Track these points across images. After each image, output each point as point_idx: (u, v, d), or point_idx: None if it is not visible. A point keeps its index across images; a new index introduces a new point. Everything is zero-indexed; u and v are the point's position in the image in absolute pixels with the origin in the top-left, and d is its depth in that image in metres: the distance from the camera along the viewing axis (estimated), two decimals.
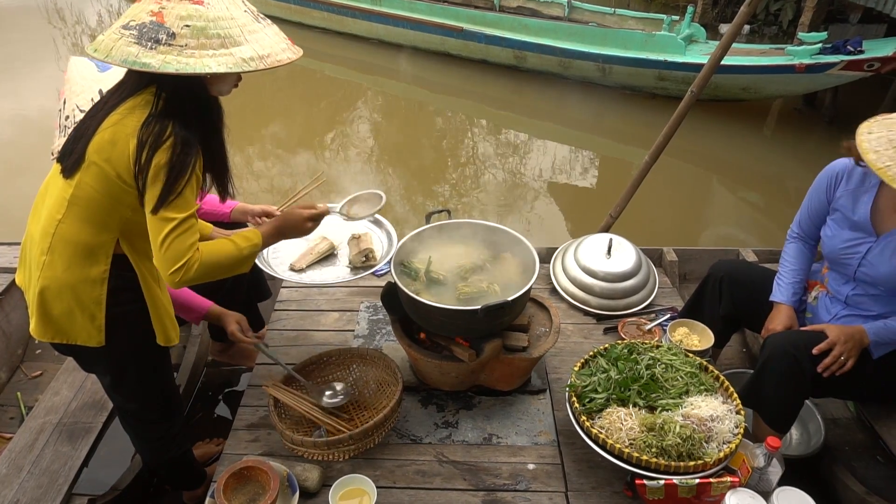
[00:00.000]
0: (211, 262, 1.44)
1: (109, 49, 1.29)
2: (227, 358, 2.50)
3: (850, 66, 5.04)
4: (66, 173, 1.41)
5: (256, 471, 1.62)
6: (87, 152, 1.37)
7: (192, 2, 1.32)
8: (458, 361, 1.80)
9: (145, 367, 1.65)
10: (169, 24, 1.29)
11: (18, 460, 1.86)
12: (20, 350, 2.73)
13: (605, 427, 1.64)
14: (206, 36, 1.30)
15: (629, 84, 6.31)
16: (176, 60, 1.28)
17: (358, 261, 2.03)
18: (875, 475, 2.13)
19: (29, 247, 1.52)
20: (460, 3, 7.48)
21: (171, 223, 1.36)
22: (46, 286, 1.45)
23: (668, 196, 4.87)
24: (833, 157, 1.60)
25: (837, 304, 1.93)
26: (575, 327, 2.34)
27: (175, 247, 1.37)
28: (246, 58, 1.33)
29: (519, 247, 1.95)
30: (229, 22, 1.34)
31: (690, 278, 2.89)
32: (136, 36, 1.29)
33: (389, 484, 1.71)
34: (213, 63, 1.29)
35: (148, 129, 1.33)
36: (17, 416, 2.46)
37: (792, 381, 1.79)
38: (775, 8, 7.62)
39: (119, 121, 1.36)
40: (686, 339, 2.07)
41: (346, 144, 5.97)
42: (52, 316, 1.48)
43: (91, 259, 1.46)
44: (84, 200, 1.41)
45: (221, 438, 2.37)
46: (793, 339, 1.82)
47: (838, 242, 1.86)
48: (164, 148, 1.33)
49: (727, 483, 1.51)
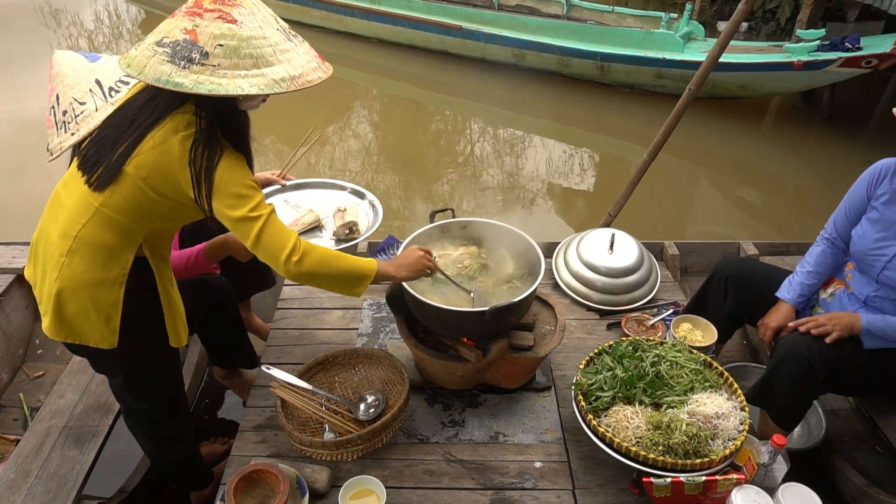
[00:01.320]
0: (320, 251, 1.49)
1: (143, 66, 1.29)
2: (230, 385, 2.49)
3: (847, 63, 5.02)
4: (97, 187, 1.41)
5: (266, 473, 1.63)
6: (125, 170, 1.38)
7: (226, 20, 1.30)
8: (465, 361, 1.80)
9: (157, 367, 1.67)
10: (202, 42, 1.29)
11: (26, 465, 1.86)
12: (21, 350, 2.72)
13: (612, 425, 1.65)
14: (239, 56, 1.30)
15: (628, 82, 6.30)
16: (209, 81, 1.28)
17: (342, 233, 2.09)
18: (874, 466, 2.16)
19: (44, 244, 1.53)
20: (459, 2, 7.42)
21: (259, 220, 1.41)
22: (64, 287, 1.46)
23: (667, 193, 4.88)
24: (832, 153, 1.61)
25: (856, 303, 1.93)
26: (578, 323, 2.35)
27: (269, 236, 1.42)
28: (277, 79, 1.33)
29: (523, 245, 1.95)
30: (261, 41, 1.33)
31: (692, 272, 2.90)
32: (169, 54, 1.28)
33: (398, 484, 1.72)
34: (245, 84, 1.30)
35: (198, 152, 1.36)
36: (21, 417, 2.46)
37: (803, 383, 1.81)
38: (773, 5, 7.59)
39: (163, 143, 1.37)
40: (690, 335, 2.08)
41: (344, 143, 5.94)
42: (68, 316, 1.49)
43: (112, 262, 1.47)
44: (114, 209, 1.43)
45: (226, 437, 2.39)
46: (807, 341, 1.83)
47: (868, 242, 1.86)
48: (220, 167, 1.37)
49: (733, 480, 1.52)
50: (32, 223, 1.63)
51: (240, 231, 1.43)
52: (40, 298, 1.55)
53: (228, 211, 1.40)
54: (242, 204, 1.40)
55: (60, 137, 1.78)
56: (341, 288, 1.57)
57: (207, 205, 1.40)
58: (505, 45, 6.67)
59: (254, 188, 1.43)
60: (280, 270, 1.46)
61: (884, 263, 1.81)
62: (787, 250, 2.88)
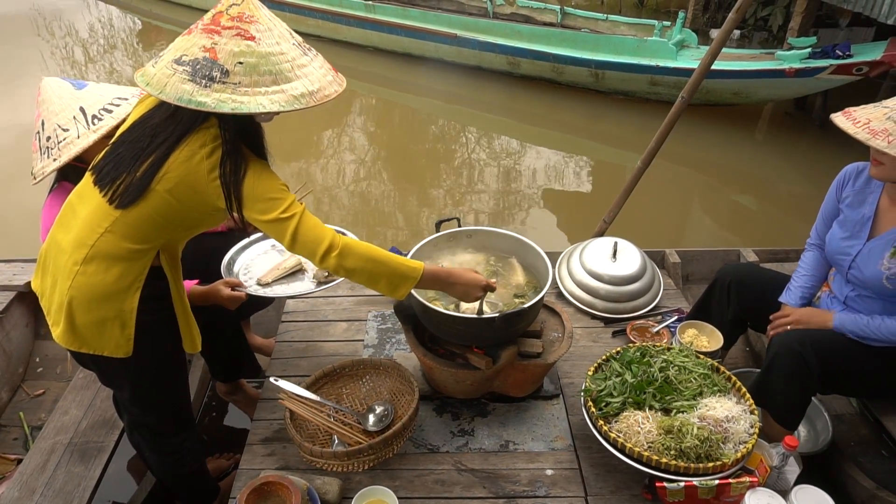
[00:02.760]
0: (362, 248, 1.51)
1: (163, 85, 1.30)
2: (233, 401, 2.48)
3: (839, 70, 5.10)
4: (119, 204, 1.41)
5: (277, 486, 1.61)
6: (153, 187, 1.39)
7: (245, 37, 1.31)
8: (474, 369, 1.80)
9: (166, 378, 1.66)
10: (222, 61, 1.30)
11: (31, 482, 1.83)
12: (21, 369, 2.70)
13: (623, 431, 1.65)
14: (259, 73, 1.31)
15: (622, 89, 6.37)
16: (231, 99, 1.29)
17: (321, 276, 2.12)
18: (881, 469, 2.17)
19: (55, 255, 1.52)
20: (454, 10, 7.52)
21: (294, 219, 1.42)
22: (77, 296, 1.45)
23: (663, 199, 4.92)
24: (824, 160, 1.67)
25: (838, 304, 1.98)
26: (583, 331, 2.36)
27: (305, 233, 1.44)
28: (297, 95, 1.34)
29: (529, 253, 1.97)
30: (280, 58, 1.34)
31: (693, 279, 2.92)
32: (189, 73, 1.29)
33: (409, 494, 1.71)
34: (266, 101, 1.31)
35: (227, 167, 1.38)
36: (21, 436, 2.43)
37: (799, 379, 1.83)
38: (765, 13, 7.71)
39: (190, 158, 1.38)
40: (696, 340, 2.09)
41: (341, 153, 5.96)
42: (81, 325, 1.48)
43: (128, 271, 1.47)
44: (135, 222, 1.43)
45: (232, 453, 2.37)
46: (798, 336, 1.85)
47: (836, 243, 1.91)
48: (248, 178, 1.39)
49: (746, 483, 1.52)
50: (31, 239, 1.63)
51: (275, 232, 1.45)
52: (49, 309, 1.54)
53: (260, 216, 1.42)
54: (274, 207, 1.42)
55: (43, 162, 1.80)
56: (383, 287, 1.56)
57: (239, 214, 1.43)
58: (500, 53, 6.75)
59: (283, 191, 1.45)
60: (319, 265, 1.49)
61: (849, 263, 1.86)
62: (787, 257, 2.91)
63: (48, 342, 2.81)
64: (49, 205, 1.91)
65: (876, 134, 1.62)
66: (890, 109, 1.65)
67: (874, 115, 1.66)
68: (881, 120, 1.63)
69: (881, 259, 1.78)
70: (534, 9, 7.17)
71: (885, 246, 1.78)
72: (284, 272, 2.14)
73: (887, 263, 1.76)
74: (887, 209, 1.82)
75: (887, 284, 1.77)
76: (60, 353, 2.77)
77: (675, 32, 6.02)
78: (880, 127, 1.62)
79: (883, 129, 1.61)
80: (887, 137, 1.60)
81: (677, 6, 8.85)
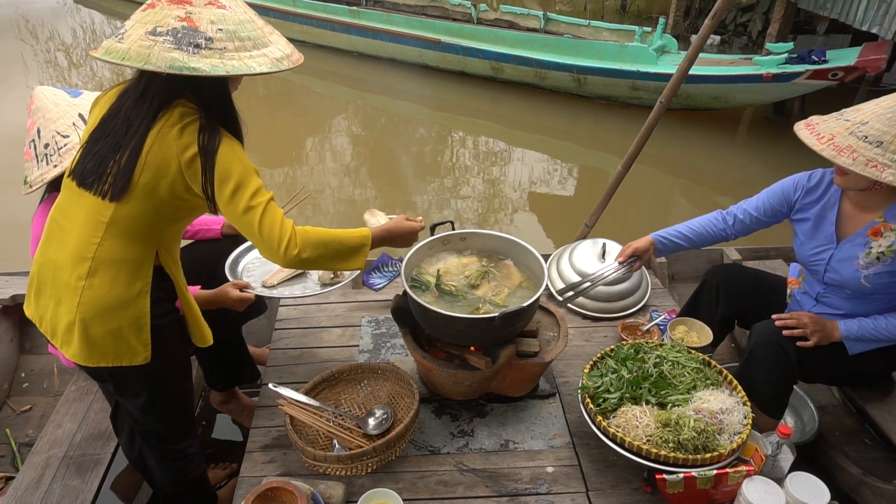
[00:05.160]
0: (314, 236, 1.51)
1: (146, 56, 1.28)
2: (228, 411, 2.46)
3: (815, 76, 5.21)
4: (112, 196, 1.39)
5: (281, 491, 1.61)
6: (135, 176, 1.38)
7: (217, 6, 1.35)
8: (473, 370, 1.83)
9: (179, 382, 1.67)
10: (203, 28, 1.32)
11: (26, 497, 1.80)
12: (6, 385, 2.65)
13: (622, 426, 1.68)
14: (239, 38, 1.35)
15: (604, 94, 6.46)
16: (222, 64, 1.31)
17: (326, 277, 2.14)
18: (866, 457, 2.24)
19: (52, 274, 1.48)
20: (438, 16, 7.58)
21: (258, 209, 1.42)
22: (88, 311, 1.43)
23: (647, 202, 5.00)
24: (802, 163, 1.73)
25: (809, 300, 2.05)
26: (575, 331, 2.39)
27: (268, 227, 1.43)
28: (277, 58, 1.40)
29: (523, 254, 2.00)
30: (252, 24, 1.39)
31: (679, 278, 2.99)
32: (172, 41, 1.29)
33: (413, 496, 1.72)
34: (254, 64, 1.35)
35: (204, 136, 1.37)
36: (8, 453, 2.38)
37: (778, 367, 1.89)
38: (744, 19, 7.89)
39: (163, 138, 1.37)
40: (686, 336, 2.14)
41: (326, 158, 5.96)
42: (97, 339, 1.46)
43: (136, 274, 1.46)
44: (126, 220, 1.42)
45: (227, 463, 2.35)
46: (776, 327, 1.92)
47: (806, 250, 1.98)
48: (222, 148, 1.38)
49: (743, 472, 1.56)
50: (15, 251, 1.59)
51: (245, 225, 1.44)
52: (54, 331, 1.50)
53: (231, 203, 1.41)
54: (243, 192, 1.41)
55: (42, 170, 1.78)
56: (342, 264, 1.61)
57: (211, 191, 1.40)
58: (483, 58, 6.81)
59: (253, 172, 1.45)
60: (281, 263, 1.49)
61: (824, 267, 1.92)
62: (767, 254, 2.99)
63: (33, 356, 2.76)
64: (40, 215, 1.88)
65: (841, 151, 1.67)
66: (851, 123, 1.69)
67: (837, 130, 1.70)
68: (844, 136, 1.68)
69: (856, 260, 1.84)
70: (517, 14, 7.25)
71: (857, 247, 1.84)
72: (289, 274, 2.14)
73: (863, 263, 1.82)
74: (850, 212, 1.88)
75: (866, 283, 1.83)
76: (46, 367, 2.72)
77: (656, 38, 6.14)
78: (844, 143, 1.67)
79: (847, 146, 1.66)
80: (852, 154, 1.65)
81: (659, 12, 9.04)
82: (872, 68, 5.03)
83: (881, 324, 1.84)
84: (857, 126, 1.67)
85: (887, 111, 1.65)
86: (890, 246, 1.77)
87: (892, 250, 1.77)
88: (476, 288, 1.92)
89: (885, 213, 1.79)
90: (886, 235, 1.78)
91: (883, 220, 1.80)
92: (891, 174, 1.60)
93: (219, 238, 2.27)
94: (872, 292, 1.85)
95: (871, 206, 1.82)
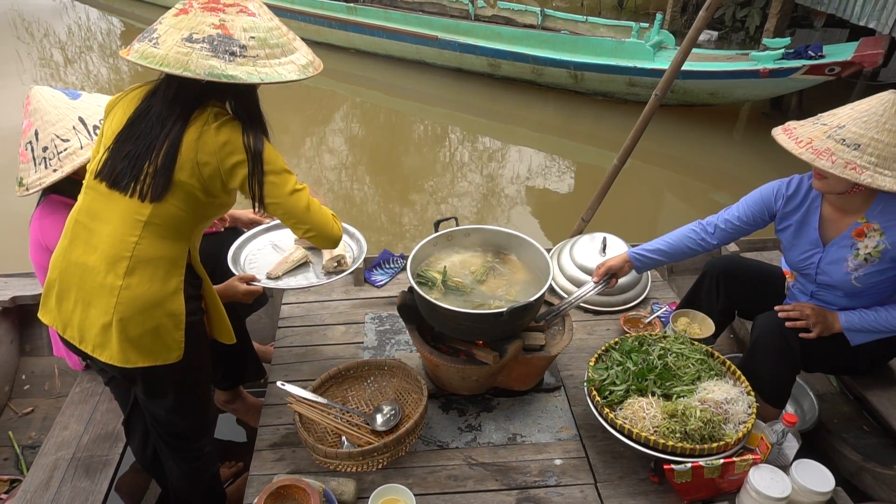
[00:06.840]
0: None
1: (185, 62, 1.31)
2: (233, 410, 2.45)
3: (811, 71, 5.20)
4: (153, 197, 1.40)
5: (293, 489, 1.62)
6: (175, 175, 1.40)
7: (247, 14, 1.37)
8: (480, 365, 1.84)
9: (204, 378, 1.69)
10: (237, 36, 1.34)
11: (36, 500, 1.80)
12: (7, 387, 2.63)
13: (629, 417, 1.71)
14: (269, 46, 1.37)
15: (601, 90, 6.47)
16: (257, 71, 1.34)
17: (330, 266, 2.15)
18: (864, 444, 2.28)
19: (80, 277, 1.46)
20: (435, 13, 7.57)
21: (304, 192, 1.54)
22: (126, 311, 1.43)
23: (645, 197, 5.03)
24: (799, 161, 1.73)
25: (804, 296, 2.07)
26: (578, 324, 2.41)
27: (317, 206, 1.57)
28: (303, 65, 1.43)
29: (528, 249, 2.01)
30: (279, 31, 1.42)
31: (678, 271, 3.02)
32: (209, 49, 1.32)
33: (423, 491, 1.73)
34: (283, 71, 1.38)
35: (247, 140, 1.41)
36: (12, 456, 2.37)
37: (782, 357, 1.91)
38: (742, 14, 7.91)
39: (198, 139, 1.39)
40: (688, 328, 2.16)
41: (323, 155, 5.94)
42: (137, 338, 1.46)
43: (171, 271, 1.48)
44: (164, 217, 1.43)
45: (233, 462, 2.35)
46: (779, 318, 1.94)
47: (795, 255, 2.00)
48: (267, 147, 1.45)
49: (749, 460, 1.59)
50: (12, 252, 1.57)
51: (293, 204, 1.51)
52: (82, 336, 1.48)
53: (279, 189, 1.47)
54: (288, 179, 1.50)
55: (40, 173, 1.75)
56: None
57: (259, 187, 1.45)
58: (481, 54, 6.81)
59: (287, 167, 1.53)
60: (337, 238, 1.63)
61: (815, 270, 1.95)
62: (764, 246, 3.02)
63: (34, 358, 2.75)
64: (38, 217, 1.87)
65: (819, 154, 1.68)
66: (829, 127, 1.71)
67: (815, 134, 1.72)
68: (822, 139, 1.69)
69: (845, 263, 1.86)
70: (515, 11, 7.25)
71: (844, 249, 1.86)
72: (293, 265, 2.14)
73: (852, 266, 1.85)
74: (832, 215, 1.90)
75: (857, 284, 1.86)
76: (47, 369, 2.71)
77: (653, 34, 6.13)
78: (822, 147, 1.68)
79: (826, 149, 1.68)
80: (830, 157, 1.66)
81: (656, 8, 9.06)
82: (869, 63, 5.01)
83: (882, 315, 1.86)
84: (834, 130, 1.69)
85: (863, 114, 1.67)
86: (875, 247, 1.80)
87: (879, 251, 1.79)
88: (482, 283, 1.94)
89: (867, 213, 1.82)
90: (871, 236, 1.81)
91: (865, 220, 1.82)
92: (869, 176, 1.63)
93: (219, 232, 2.27)
94: (864, 291, 1.88)
95: (851, 208, 1.84)
